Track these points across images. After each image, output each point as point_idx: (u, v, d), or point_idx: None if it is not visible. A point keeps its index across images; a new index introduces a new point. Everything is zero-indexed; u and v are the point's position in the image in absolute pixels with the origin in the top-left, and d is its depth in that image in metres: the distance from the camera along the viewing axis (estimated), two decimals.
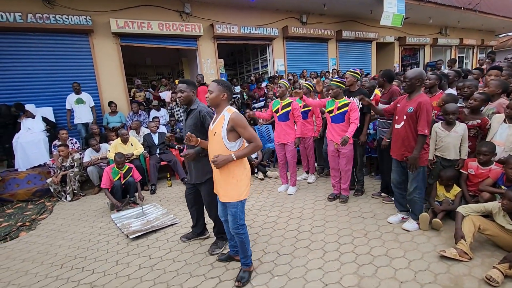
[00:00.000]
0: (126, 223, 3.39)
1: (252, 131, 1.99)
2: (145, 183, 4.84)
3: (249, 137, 1.98)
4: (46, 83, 5.95)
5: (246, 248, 2.14)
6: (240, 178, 2.03)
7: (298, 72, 8.90)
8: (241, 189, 2.03)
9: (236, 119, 1.95)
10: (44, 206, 4.34)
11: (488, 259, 2.17)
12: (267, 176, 4.80)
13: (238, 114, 1.99)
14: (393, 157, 2.79)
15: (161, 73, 11.44)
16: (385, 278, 2.06)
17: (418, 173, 2.57)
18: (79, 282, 2.37)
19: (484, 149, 2.66)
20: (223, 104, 2.07)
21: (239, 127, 1.96)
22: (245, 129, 1.97)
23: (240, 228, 2.08)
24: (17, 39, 5.59)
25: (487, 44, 15.46)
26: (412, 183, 2.61)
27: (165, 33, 6.77)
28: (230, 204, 2.05)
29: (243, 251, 2.15)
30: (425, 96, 2.54)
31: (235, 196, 2.02)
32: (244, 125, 1.97)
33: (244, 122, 1.97)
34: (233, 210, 2.05)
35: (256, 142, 1.98)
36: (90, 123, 5.79)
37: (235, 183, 2.02)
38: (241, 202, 2.06)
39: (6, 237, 3.34)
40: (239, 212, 2.06)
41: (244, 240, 2.11)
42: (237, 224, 2.07)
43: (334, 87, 3.27)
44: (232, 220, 2.07)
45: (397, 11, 8.91)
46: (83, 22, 5.91)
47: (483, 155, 2.66)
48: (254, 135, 1.98)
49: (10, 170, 4.97)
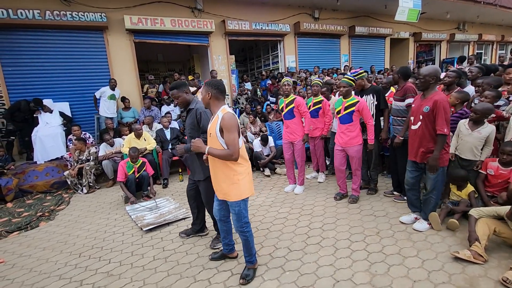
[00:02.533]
0: (140, 216, 3.48)
1: (233, 139, 1.89)
2: (158, 177, 4.94)
3: (228, 143, 1.89)
4: (62, 79, 6.14)
5: (250, 246, 2.12)
6: (241, 177, 1.98)
7: (310, 69, 8.82)
8: (242, 188, 1.99)
9: (225, 120, 1.88)
10: (61, 197, 4.50)
11: (505, 261, 2.12)
12: (276, 173, 4.81)
13: (231, 115, 1.91)
14: (411, 159, 2.67)
15: (172, 69, 11.55)
16: (397, 277, 2.05)
17: (438, 174, 2.48)
18: (96, 271, 2.46)
19: (508, 148, 2.57)
20: (214, 104, 2.01)
21: (224, 128, 1.88)
22: (229, 133, 1.88)
23: (245, 226, 2.06)
24: (35, 36, 5.77)
25: (507, 40, 14.83)
26: (431, 184, 2.52)
27: (177, 29, 6.84)
28: (233, 203, 2.01)
29: (247, 249, 2.14)
30: (441, 94, 2.44)
31: (237, 195, 1.98)
32: (229, 128, 1.87)
33: (230, 125, 1.88)
34: (236, 209, 2.02)
35: (231, 151, 1.88)
36: (113, 117, 5.94)
37: (236, 182, 1.97)
38: (244, 201, 2.02)
39: (27, 226, 3.50)
40: (242, 211, 2.03)
41: (248, 238, 2.09)
42: (241, 222, 2.04)
43: (345, 85, 3.17)
44: (236, 219, 2.04)
45: (413, 5, 8.66)
46: (98, 19, 6.04)
47: (507, 155, 2.57)
48: (234, 143, 1.88)
49: (30, 163, 5.17)
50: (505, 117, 2.81)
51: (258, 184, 4.42)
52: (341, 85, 3.22)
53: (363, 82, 3.46)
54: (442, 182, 2.58)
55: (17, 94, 5.67)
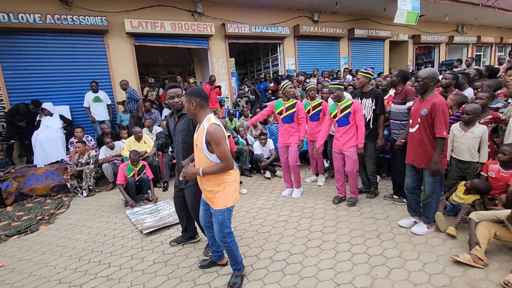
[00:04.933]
0: (140, 219, 3.48)
1: (225, 150, 1.84)
2: (158, 180, 4.94)
3: (220, 156, 1.84)
4: (63, 82, 6.16)
5: (235, 254, 2.06)
6: (227, 185, 1.93)
7: (309, 72, 8.85)
8: (228, 196, 1.93)
9: (211, 133, 1.81)
10: (61, 201, 4.49)
11: (506, 264, 2.12)
12: (277, 175, 4.81)
13: (216, 128, 1.83)
14: (408, 162, 2.66)
15: (172, 72, 11.59)
16: (398, 280, 2.04)
17: (437, 177, 2.47)
18: (96, 275, 2.46)
19: (505, 147, 2.58)
20: (199, 113, 1.94)
21: (212, 141, 1.82)
22: (218, 146, 1.82)
23: (227, 236, 1.98)
24: (36, 39, 5.80)
25: (506, 42, 14.90)
26: (430, 188, 2.52)
27: (177, 32, 6.88)
28: (216, 211, 1.95)
29: (232, 258, 2.08)
30: (440, 96, 2.41)
31: (222, 203, 1.92)
32: (217, 141, 1.81)
33: (218, 137, 1.81)
34: (219, 217, 1.94)
35: (225, 163, 1.84)
36: (107, 121, 5.93)
37: (222, 190, 1.92)
38: (228, 210, 1.96)
39: (26, 230, 3.49)
40: (225, 220, 1.95)
41: (232, 248, 2.03)
42: (224, 232, 1.96)
43: (334, 91, 3.24)
44: (218, 229, 1.96)
45: (412, 8, 8.71)
46: (99, 23, 6.07)
47: (503, 153, 2.58)
48: (226, 155, 1.84)
49: (29, 166, 5.17)
50: (503, 120, 2.82)
51: (259, 187, 4.41)
52: (330, 92, 3.27)
53: (366, 81, 3.41)
54: (441, 185, 2.58)
55: (17, 98, 5.68)
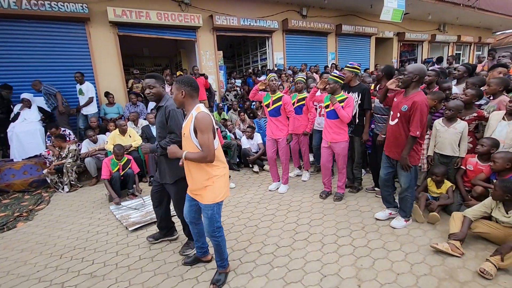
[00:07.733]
0: (125, 215, 3.39)
1: (208, 139, 1.80)
2: (144, 175, 4.83)
3: (202, 143, 1.80)
4: (41, 73, 5.81)
5: (222, 250, 2.05)
6: (216, 179, 1.91)
7: (298, 66, 8.86)
8: (217, 190, 1.91)
9: (199, 119, 1.79)
10: (41, 196, 4.31)
11: (481, 252, 2.24)
12: (265, 169, 4.82)
13: (204, 115, 1.81)
14: (385, 153, 2.72)
15: (158, 64, 11.28)
16: (382, 270, 2.11)
17: (411, 172, 2.54)
18: (79, 272, 2.38)
19: (484, 139, 2.70)
20: (188, 103, 1.91)
21: (198, 128, 1.80)
22: (202, 134, 1.79)
23: (217, 231, 1.98)
24: (11, 26, 5.44)
25: (484, 42, 15.53)
26: (405, 182, 2.57)
27: (163, 23, 6.66)
28: (206, 206, 1.93)
29: (219, 254, 2.06)
30: (422, 95, 2.39)
31: (211, 198, 1.91)
32: (202, 128, 1.78)
33: (204, 125, 1.79)
34: (209, 212, 1.93)
35: (206, 152, 1.79)
36: (89, 115, 5.69)
37: (211, 184, 1.90)
38: (218, 204, 1.95)
39: (3, 227, 3.33)
40: (215, 215, 1.95)
41: (220, 243, 2.02)
42: (214, 227, 1.96)
43: (331, 82, 3.18)
44: (208, 223, 1.96)
45: (397, 6, 8.86)
46: (79, 10, 5.77)
47: (481, 145, 2.70)
48: (207, 144, 1.79)
49: (6, 160, 4.92)
50: (486, 117, 2.94)
51: (247, 181, 4.41)
52: (327, 83, 3.24)
53: (352, 76, 3.42)
54: (416, 179, 2.65)
55: None
